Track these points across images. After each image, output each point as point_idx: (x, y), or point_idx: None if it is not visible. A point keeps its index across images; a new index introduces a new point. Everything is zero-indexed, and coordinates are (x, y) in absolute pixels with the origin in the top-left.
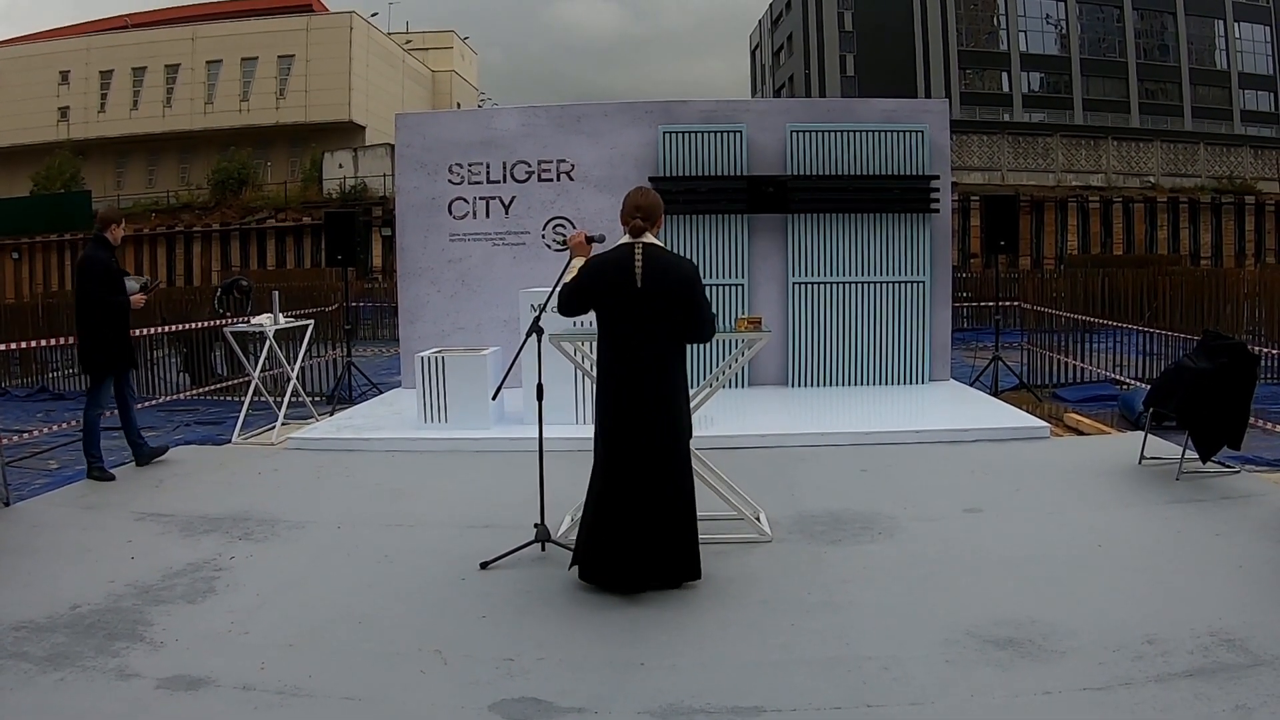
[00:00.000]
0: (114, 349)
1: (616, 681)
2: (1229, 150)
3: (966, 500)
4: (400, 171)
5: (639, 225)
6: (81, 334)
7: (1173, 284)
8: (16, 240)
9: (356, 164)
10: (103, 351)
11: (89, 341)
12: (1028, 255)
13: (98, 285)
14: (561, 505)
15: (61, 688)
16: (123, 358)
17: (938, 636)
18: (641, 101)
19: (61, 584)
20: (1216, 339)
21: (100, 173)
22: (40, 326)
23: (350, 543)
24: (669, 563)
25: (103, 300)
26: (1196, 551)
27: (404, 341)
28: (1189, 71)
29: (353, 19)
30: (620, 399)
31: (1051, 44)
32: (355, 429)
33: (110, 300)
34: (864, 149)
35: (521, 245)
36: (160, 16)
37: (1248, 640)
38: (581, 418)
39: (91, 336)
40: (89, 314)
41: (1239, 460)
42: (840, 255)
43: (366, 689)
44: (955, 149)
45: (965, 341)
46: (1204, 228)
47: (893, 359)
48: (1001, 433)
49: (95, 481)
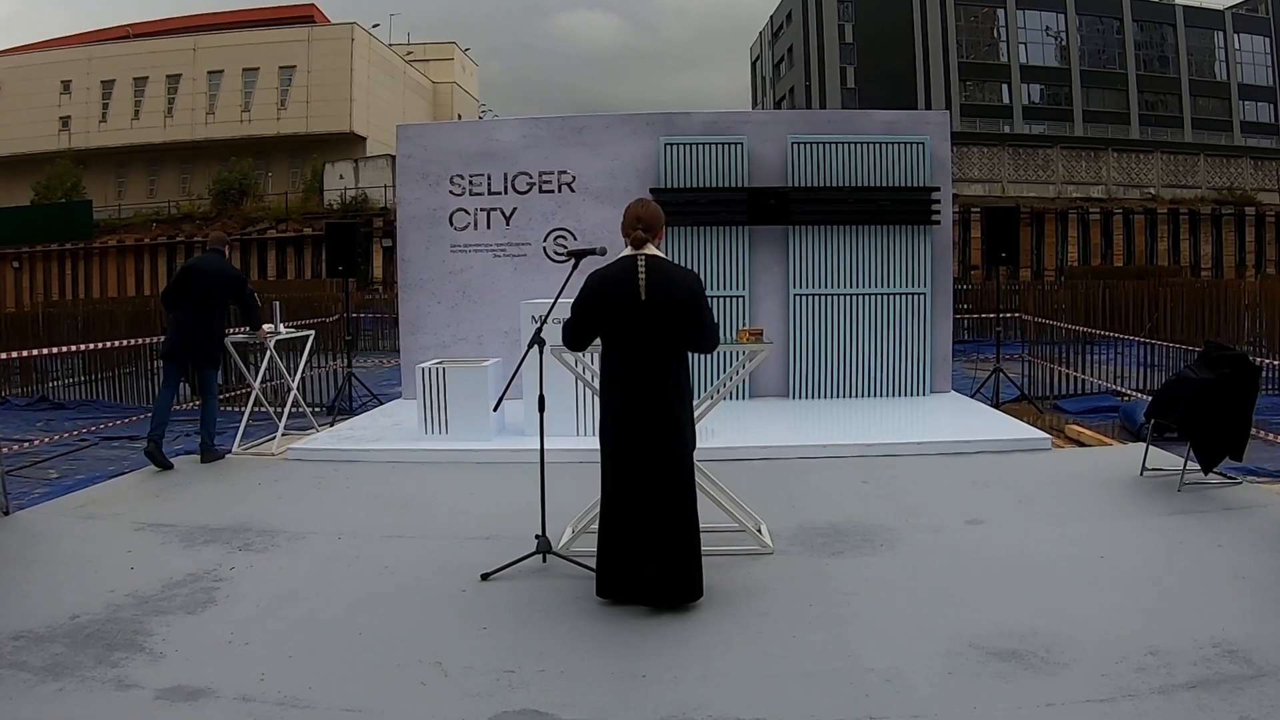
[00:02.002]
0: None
1: (618, 693)
2: (1229, 161)
3: (968, 512)
4: (401, 182)
5: (640, 237)
6: (218, 331)
7: (1173, 295)
8: (17, 250)
9: (357, 175)
10: (218, 345)
11: (213, 339)
12: (1028, 267)
13: (248, 292)
14: (562, 517)
15: (60, 698)
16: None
17: (940, 648)
18: (643, 113)
19: (61, 594)
20: (1218, 350)
21: (101, 182)
22: (40, 336)
23: (351, 553)
24: (671, 580)
25: (244, 302)
26: (1199, 562)
27: (405, 352)
28: (1189, 83)
29: (354, 30)
30: (624, 411)
31: (1051, 56)
32: (356, 440)
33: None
34: (865, 161)
35: (523, 257)
36: (162, 27)
37: (1250, 651)
38: (583, 429)
39: (215, 334)
40: (221, 315)
41: (1241, 471)
42: (841, 267)
43: (367, 700)
44: (956, 161)
45: (966, 353)
46: (1204, 239)
47: (894, 371)
48: (1003, 444)
49: (205, 463)
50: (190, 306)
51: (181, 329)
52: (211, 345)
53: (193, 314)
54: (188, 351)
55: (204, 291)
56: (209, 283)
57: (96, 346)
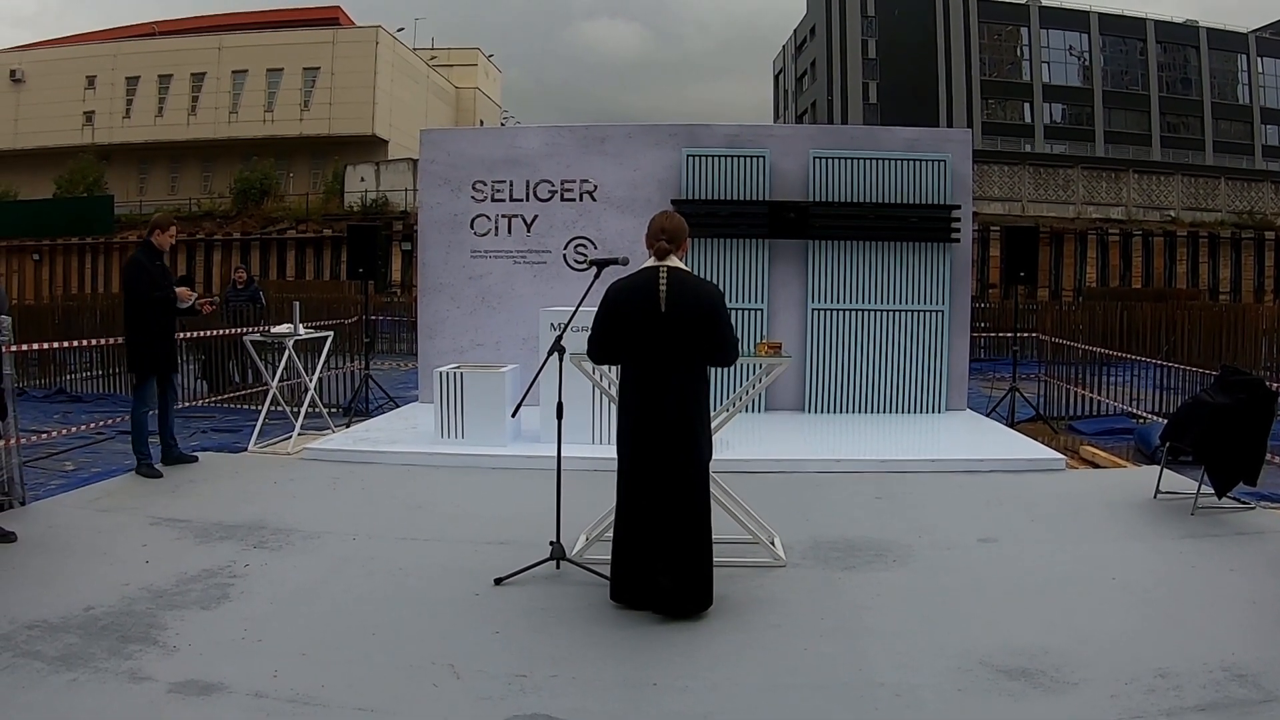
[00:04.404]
0: (156, 350)
1: (628, 700)
2: (1250, 185)
3: (981, 530)
4: (423, 186)
5: (664, 248)
6: (127, 334)
7: (1191, 319)
8: (38, 242)
9: (378, 178)
10: (145, 352)
11: (132, 341)
12: (1046, 287)
13: (136, 286)
14: (577, 524)
15: (74, 688)
16: (164, 360)
17: (951, 665)
18: (665, 124)
19: (76, 585)
20: (1235, 374)
21: (123, 178)
22: (59, 328)
23: (365, 554)
24: (682, 589)
25: (139, 301)
26: (1210, 586)
27: (423, 356)
28: (1211, 105)
29: (379, 33)
30: (642, 421)
31: (1074, 76)
32: (372, 441)
33: (146, 302)
34: (886, 177)
35: (543, 264)
36: (188, 25)
37: (1260, 676)
38: (599, 438)
39: (134, 336)
40: (131, 314)
41: (1254, 496)
42: (860, 282)
43: (379, 700)
44: (976, 179)
45: (982, 372)
46: (1223, 262)
47: (910, 387)
48: (1017, 464)
49: (142, 478)
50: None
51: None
52: (130, 347)
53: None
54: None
55: (122, 288)
56: (121, 278)
57: (114, 341)
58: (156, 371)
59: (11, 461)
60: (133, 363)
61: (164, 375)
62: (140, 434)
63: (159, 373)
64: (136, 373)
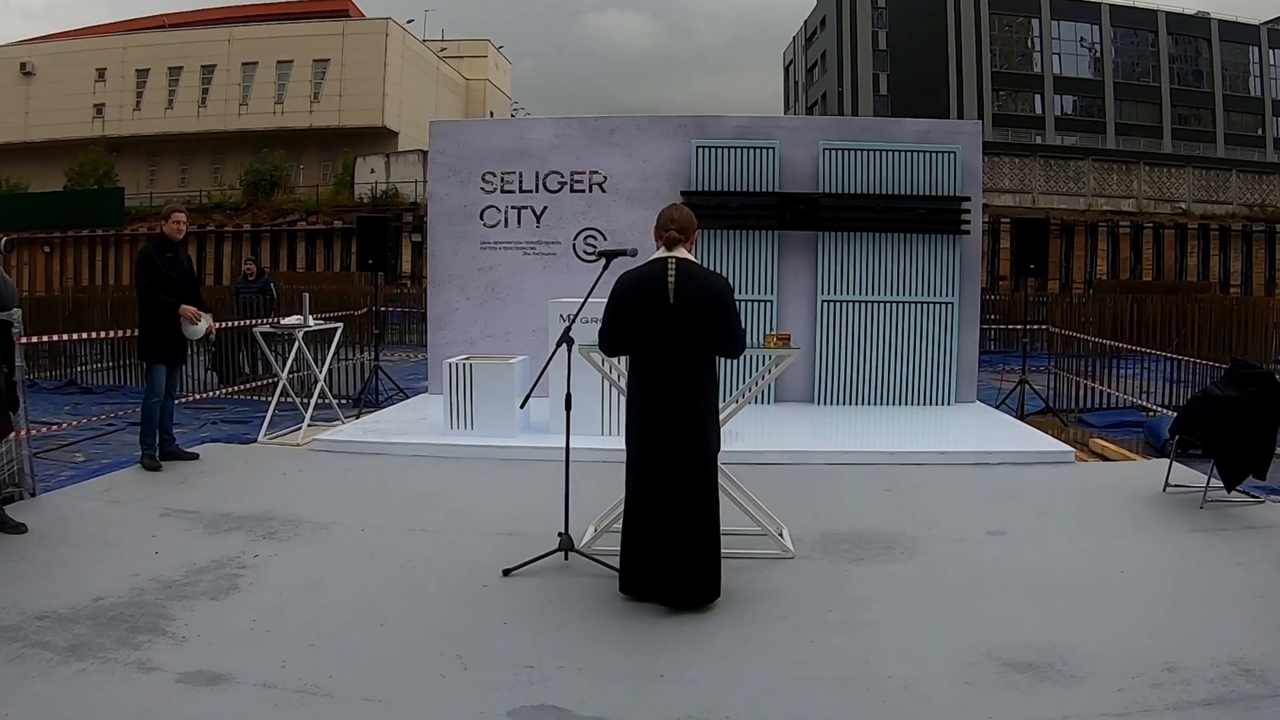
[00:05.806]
0: (164, 341)
1: (635, 692)
2: (1261, 178)
3: (990, 523)
4: (433, 178)
5: (673, 237)
6: (139, 324)
7: (1201, 312)
8: (49, 234)
9: (388, 169)
10: (155, 344)
11: (142, 332)
12: (1056, 279)
13: (142, 277)
14: (585, 515)
15: (83, 678)
16: (170, 351)
17: (958, 658)
18: (675, 115)
19: (85, 575)
20: (1245, 368)
21: (133, 170)
22: (69, 320)
23: (374, 545)
24: (689, 580)
25: (146, 291)
26: (1218, 580)
27: (432, 348)
28: (1222, 98)
29: (389, 25)
30: (650, 412)
31: (1085, 67)
32: (381, 433)
33: (152, 292)
34: (896, 169)
35: (552, 255)
36: (198, 17)
37: (1267, 671)
38: (608, 429)
39: (144, 328)
40: (141, 305)
41: (1264, 490)
42: (869, 274)
43: (386, 691)
44: (986, 171)
45: (992, 364)
46: (1234, 255)
47: (919, 379)
48: (1026, 456)
49: (145, 470)
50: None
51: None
52: (140, 336)
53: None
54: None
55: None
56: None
57: (125, 333)
58: (162, 361)
59: (22, 453)
60: (142, 351)
61: (172, 367)
62: (149, 425)
63: (166, 362)
64: (145, 361)
